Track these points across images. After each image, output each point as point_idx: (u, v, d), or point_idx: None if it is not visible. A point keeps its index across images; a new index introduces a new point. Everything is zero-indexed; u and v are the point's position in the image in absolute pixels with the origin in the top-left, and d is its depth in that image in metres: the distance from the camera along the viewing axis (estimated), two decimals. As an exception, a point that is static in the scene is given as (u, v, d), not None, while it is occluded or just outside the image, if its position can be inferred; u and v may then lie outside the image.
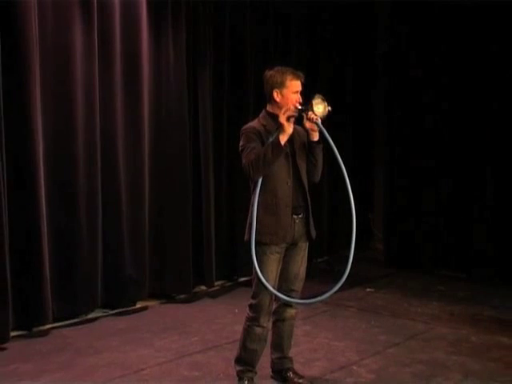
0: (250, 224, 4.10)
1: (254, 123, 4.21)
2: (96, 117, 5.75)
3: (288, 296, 4.23)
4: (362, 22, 8.52)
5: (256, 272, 4.04)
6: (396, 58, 8.11)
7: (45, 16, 5.37)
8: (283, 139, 3.98)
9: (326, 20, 7.96)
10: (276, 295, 4.13)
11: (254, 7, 7.11)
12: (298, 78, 4.14)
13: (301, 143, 4.19)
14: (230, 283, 7.08)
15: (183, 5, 6.35)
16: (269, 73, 4.19)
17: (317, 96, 4.01)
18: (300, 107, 4.06)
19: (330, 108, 4.02)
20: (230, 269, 7.09)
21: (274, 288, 4.11)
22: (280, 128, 4.00)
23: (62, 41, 5.50)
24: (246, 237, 4.17)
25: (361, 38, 8.53)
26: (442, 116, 7.71)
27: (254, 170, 3.98)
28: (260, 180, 4.03)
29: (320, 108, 4.00)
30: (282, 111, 4.02)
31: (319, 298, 4.18)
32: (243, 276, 6.90)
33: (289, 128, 3.99)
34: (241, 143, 4.12)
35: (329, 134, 4.09)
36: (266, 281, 4.06)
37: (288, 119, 4.00)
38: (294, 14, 7.61)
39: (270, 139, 4.03)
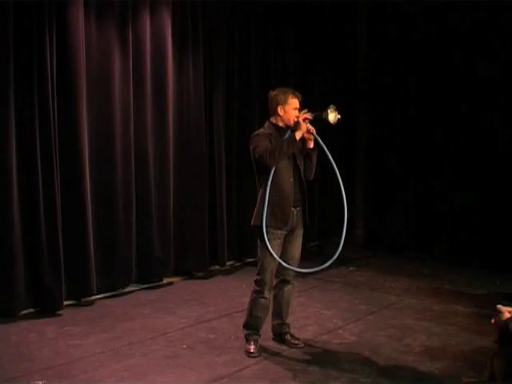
0: (259, 212, 4.11)
1: (262, 130, 4.22)
2: (130, 126, 5.76)
3: (285, 273, 4.27)
4: (343, 30, 8.26)
5: (269, 251, 4.05)
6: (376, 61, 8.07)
7: (91, 47, 5.42)
8: (298, 135, 4.03)
9: (314, 41, 7.84)
10: (286, 266, 4.17)
11: (258, 38, 7.07)
12: (297, 97, 4.19)
13: (299, 149, 4.21)
14: (238, 263, 7.05)
15: (201, 38, 6.35)
16: (273, 92, 4.23)
17: (331, 106, 4.09)
18: (316, 113, 4.10)
19: (339, 116, 4.09)
20: (239, 251, 7.06)
21: (274, 266, 4.16)
22: (297, 126, 4.05)
23: (103, 66, 5.53)
24: (252, 222, 4.17)
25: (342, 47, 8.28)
26: (416, 122, 7.63)
27: (270, 158, 3.98)
28: (270, 177, 4.03)
29: (332, 115, 4.08)
30: (301, 113, 4.08)
31: (317, 268, 4.22)
32: (249, 257, 6.89)
33: (304, 126, 4.03)
34: (254, 143, 4.11)
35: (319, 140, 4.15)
36: (269, 260, 4.11)
37: (304, 121, 4.05)
38: (290, 40, 7.56)
39: (287, 135, 4.06)
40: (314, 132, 4.12)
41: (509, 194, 6.85)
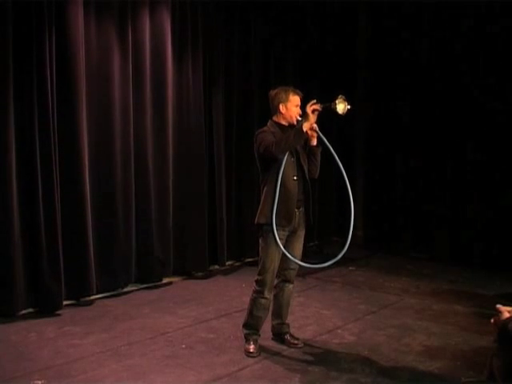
0: (264, 209, 4.08)
1: (266, 128, 4.20)
2: (130, 126, 5.76)
3: (286, 273, 4.28)
4: (343, 30, 8.28)
5: (276, 241, 4.03)
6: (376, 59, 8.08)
7: (90, 47, 5.42)
8: (306, 127, 3.97)
9: (314, 41, 7.87)
10: (294, 261, 4.17)
11: (258, 38, 7.09)
12: (298, 94, 4.18)
13: (302, 147, 4.18)
14: (238, 263, 7.05)
15: (201, 38, 6.37)
16: (274, 91, 4.21)
17: (340, 96, 4.02)
18: (324, 104, 4.02)
19: (349, 106, 4.02)
20: (239, 251, 7.06)
21: (276, 266, 4.16)
22: (305, 117, 3.99)
23: (103, 66, 5.53)
24: (256, 220, 4.15)
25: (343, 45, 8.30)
26: (415, 121, 7.65)
27: (276, 148, 3.93)
28: (280, 175, 4.01)
29: (341, 106, 4.01)
30: (310, 104, 4.00)
31: (322, 264, 4.26)
32: (249, 257, 6.91)
33: (312, 118, 3.97)
34: (259, 139, 4.07)
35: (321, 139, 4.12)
36: (271, 260, 4.10)
37: (312, 112, 3.99)
38: (290, 40, 7.57)
39: (296, 126, 4.02)
40: (317, 129, 4.09)
41: (509, 195, 6.85)
